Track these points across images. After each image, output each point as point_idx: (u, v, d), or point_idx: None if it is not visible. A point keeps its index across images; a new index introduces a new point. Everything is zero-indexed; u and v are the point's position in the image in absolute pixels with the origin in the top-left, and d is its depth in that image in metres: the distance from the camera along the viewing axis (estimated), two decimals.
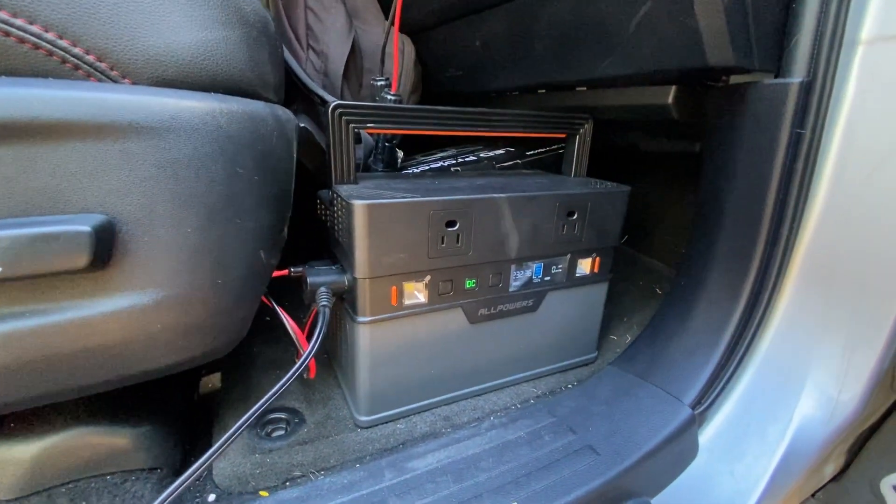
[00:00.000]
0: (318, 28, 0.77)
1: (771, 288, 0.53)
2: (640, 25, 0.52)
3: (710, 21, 0.46)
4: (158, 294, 0.35)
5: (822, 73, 0.47)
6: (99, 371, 0.35)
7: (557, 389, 0.64)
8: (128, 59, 0.34)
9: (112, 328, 0.34)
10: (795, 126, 0.48)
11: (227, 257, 0.38)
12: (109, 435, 0.41)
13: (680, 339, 0.60)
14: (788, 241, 0.52)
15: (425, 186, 0.55)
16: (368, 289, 0.49)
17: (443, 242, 0.50)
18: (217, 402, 0.57)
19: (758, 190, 0.52)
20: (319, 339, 0.45)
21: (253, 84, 0.42)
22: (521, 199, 0.53)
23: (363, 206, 0.45)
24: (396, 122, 0.55)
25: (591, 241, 0.61)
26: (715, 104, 0.58)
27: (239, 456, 0.48)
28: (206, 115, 0.35)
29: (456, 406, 0.59)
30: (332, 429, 0.54)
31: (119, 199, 0.33)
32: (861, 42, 0.46)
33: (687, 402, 0.54)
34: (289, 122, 0.46)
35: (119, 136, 0.32)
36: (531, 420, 0.55)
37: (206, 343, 0.40)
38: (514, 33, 0.71)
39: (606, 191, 0.60)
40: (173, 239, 0.35)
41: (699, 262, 0.60)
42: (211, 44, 0.38)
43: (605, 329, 0.77)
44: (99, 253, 0.31)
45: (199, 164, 0.35)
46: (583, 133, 0.67)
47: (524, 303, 0.60)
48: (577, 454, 0.50)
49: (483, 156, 0.92)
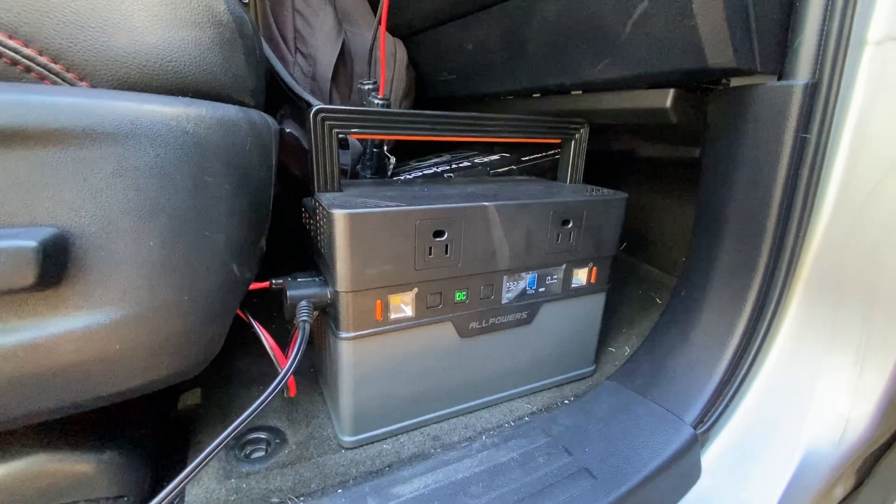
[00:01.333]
0: (306, 31, 0.75)
1: (776, 300, 0.50)
2: (636, 26, 0.50)
3: (709, 21, 0.43)
4: (117, 313, 0.32)
5: (828, 74, 0.45)
6: (52, 397, 0.32)
7: (553, 405, 0.62)
8: (85, 61, 0.32)
9: (65, 350, 0.31)
10: (800, 130, 0.46)
11: (194, 272, 0.35)
12: (70, 461, 0.39)
13: (680, 353, 0.57)
14: (794, 251, 0.49)
15: (413, 194, 0.52)
16: (351, 303, 0.46)
17: (430, 253, 0.48)
18: (195, 421, 0.54)
19: (761, 198, 0.49)
20: (298, 357, 0.42)
21: (226, 87, 0.39)
22: (513, 208, 0.51)
23: (344, 216, 0.43)
24: (383, 127, 0.53)
25: (587, 250, 0.58)
26: (715, 108, 0.55)
27: (213, 481, 0.46)
28: (170, 119, 0.33)
29: (446, 424, 0.56)
30: (314, 450, 0.51)
31: (72, 212, 0.30)
32: (869, 42, 0.43)
33: (689, 421, 0.51)
34: (265, 128, 0.43)
35: (71, 142, 0.29)
36: (525, 440, 0.52)
37: (173, 364, 0.37)
38: (507, 36, 0.69)
39: (603, 198, 0.57)
40: (134, 253, 0.32)
41: (700, 273, 0.57)
42: (179, 45, 0.35)
43: (603, 340, 0.74)
44: (48, 270, 0.29)
45: (162, 173, 0.32)
46: (578, 138, 0.65)
47: (518, 315, 0.57)
48: (572, 478, 0.47)
49: (478, 161, 0.90)
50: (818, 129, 0.46)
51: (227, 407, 0.57)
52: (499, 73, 0.76)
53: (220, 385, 0.61)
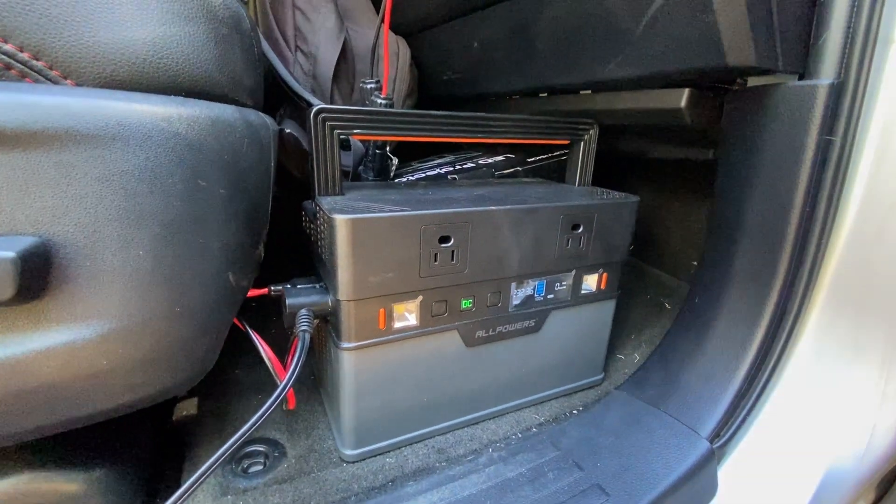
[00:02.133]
0: (306, 29, 0.73)
1: (797, 309, 0.48)
2: (651, 22, 0.47)
3: (730, 16, 0.41)
4: (104, 326, 0.30)
5: (854, 73, 0.42)
6: (34, 417, 0.30)
7: (562, 415, 0.60)
8: (70, 58, 0.30)
9: (48, 367, 0.29)
10: (824, 132, 0.44)
11: (186, 282, 0.33)
12: (58, 481, 0.37)
13: (695, 362, 0.55)
14: (816, 259, 0.47)
15: (417, 198, 0.50)
16: (353, 312, 0.44)
17: (436, 260, 0.46)
18: (190, 433, 0.52)
19: (781, 203, 0.47)
20: (297, 370, 0.40)
21: (221, 86, 0.37)
22: (521, 212, 0.49)
23: (346, 221, 0.41)
24: (386, 127, 0.51)
25: (597, 255, 0.56)
26: (732, 109, 0.53)
27: (209, 498, 0.44)
28: (160, 120, 0.31)
29: (451, 436, 0.54)
30: (314, 464, 0.49)
31: (55, 219, 0.28)
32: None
33: (704, 435, 0.49)
34: (264, 128, 0.41)
35: (54, 145, 0.27)
36: (533, 454, 0.50)
37: (165, 378, 0.35)
38: (514, 33, 0.67)
39: (614, 202, 0.55)
40: (122, 263, 0.30)
41: (715, 280, 0.55)
42: (170, 40, 0.33)
43: (612, 347, 0.72)
44: (28, 282, 0.27)
45: (152, 177, 0.30)
46: (587, 139, 0.63)
47: (525, 323, 0.55)
48: (584, 495, 0.45)
49: (482, 163, 0.88)
50: (843, 130, 0.44)
51: (224, 417, 0.55)
52: (505, 72, 0.73)
53: (218, 394, 0.59)
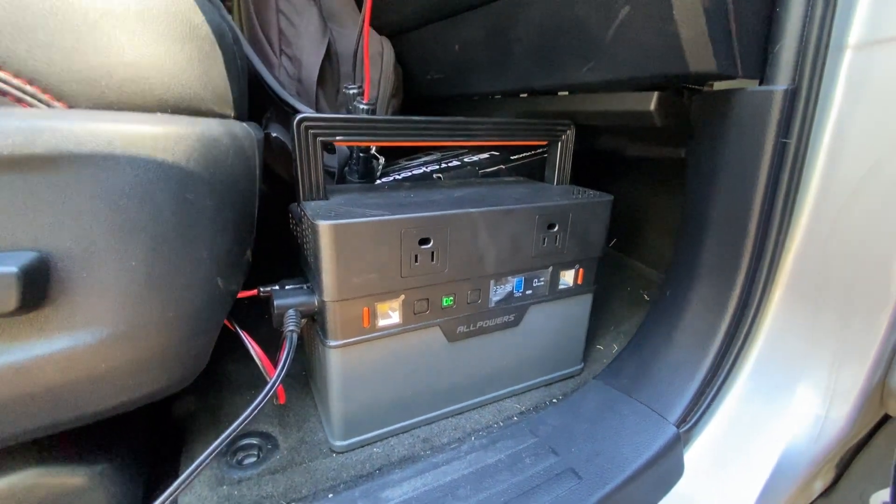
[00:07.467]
0: (290, 32, 0.74)
1: (757, 302, 0.51)
2: (619, 31, 0.50)
3: (690, 27, 0.43)
4: (102, 332, 0.33)
5: (807, 79, 0.45)
6: (38, 417, 0.33)
7: (542, 404, 0.63)
8: (62, 82, 0.32)
9: (51, 371, 0.31)
10: (780, 135, 0.46)
11: (178, 289, 0.36)
12: (64, 475, 0.39)
13: (665, 353, 0.58)
14: (775, 253, 0.50)
15: (399, 201, 0.53)
16: (338, 311, 0.47)
17: (416, 261, 0.48)
18: (187, 429, 0.55)
19: (743, 200, 0.50)
20: (285, 369, 0.43)
21: (206, 101, 0.39)
22: (498, 214, 0.51)
23: (329, 227, 0.43)
24: (367, 134, 0.53)
25: (573, 252, 0.59)
26: (698, 111, 0.56)
27: (206, 488, 0.46)
28: (147, 139, 0.33)
29: (436, 426, 0.57)
30: (305, 454, 0.52)
31: (53, 235, 0.30)
32: (848, 47, 0.44)
33: (672, 420, 0.52)
34: (248, 139, 0.43)
35: (51, 167, 0.29)
36: (512, 441, 0.53)
37: (160, 379, 0.37)
38: (493, 36, 0.69)
39: (588, 201, 0.58)
40: (117, 273, 0.32)
41: (685, 273, 0.58)
42: (156, 61, 0.35)
43: (592, 337, 0.75)
44: (30, 294, 0.29)
45: (142, 193, 0.33)
46: (564, 140, 0.65)
47: (505, 318, 0.58)
48: (558, 478, 0.48)
49: (467, 160, 0.90)
50: (798, 133, 0.46)
51: (218, 412, 0.58)
52: (486, 73, 0.75)
53: (212, 390, 0.61)
